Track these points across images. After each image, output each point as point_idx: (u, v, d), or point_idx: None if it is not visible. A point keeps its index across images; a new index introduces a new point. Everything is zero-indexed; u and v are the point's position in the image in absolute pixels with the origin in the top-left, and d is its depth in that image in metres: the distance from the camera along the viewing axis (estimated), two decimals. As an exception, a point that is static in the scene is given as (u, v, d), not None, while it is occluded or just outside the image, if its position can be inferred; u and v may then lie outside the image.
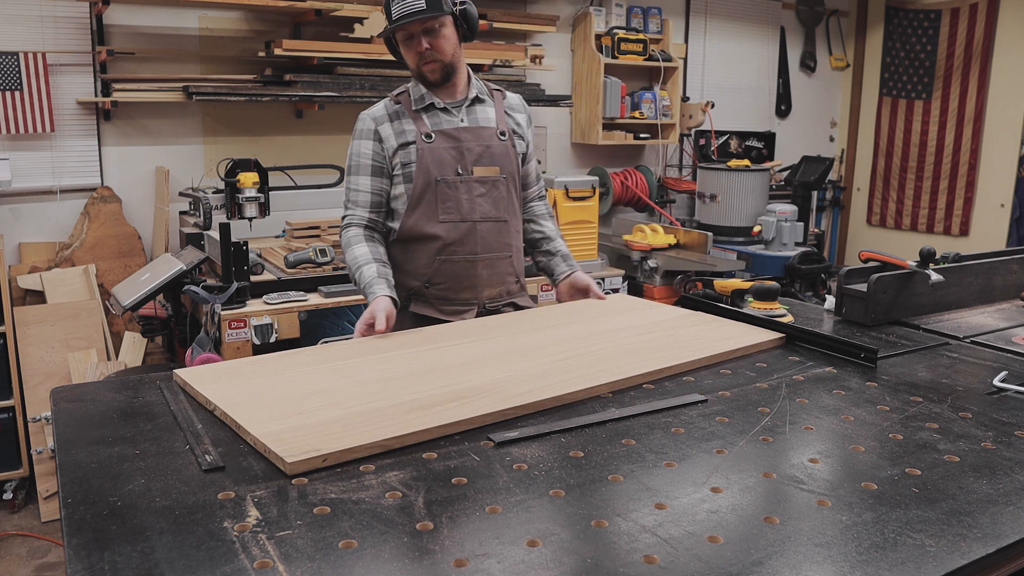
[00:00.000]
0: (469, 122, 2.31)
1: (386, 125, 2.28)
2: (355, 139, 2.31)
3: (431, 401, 1.51)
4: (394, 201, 2.32)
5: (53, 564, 3.21)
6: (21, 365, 3.65)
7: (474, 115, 2.33)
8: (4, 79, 3.76)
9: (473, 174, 2.27)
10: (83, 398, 1.59)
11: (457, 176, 2.25)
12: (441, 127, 2.27)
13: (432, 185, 2.24)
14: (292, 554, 1.02)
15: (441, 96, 2.31)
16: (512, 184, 2.34)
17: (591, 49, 5.39)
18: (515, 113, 2.42)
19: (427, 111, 2.29)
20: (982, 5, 6.15)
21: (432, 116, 2.29)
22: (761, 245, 5.14)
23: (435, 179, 2.23)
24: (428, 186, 2.24)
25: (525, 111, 2.47)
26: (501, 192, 2.31)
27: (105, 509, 1.13)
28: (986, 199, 6.32)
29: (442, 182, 2.24)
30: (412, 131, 2.26)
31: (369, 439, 1.33)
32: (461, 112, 2.31)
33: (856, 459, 1.34)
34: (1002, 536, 1.10)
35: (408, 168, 2.26)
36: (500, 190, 2.31)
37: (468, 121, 2.31)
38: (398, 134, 2.27)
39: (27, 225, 3.99)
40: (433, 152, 2.24)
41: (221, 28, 4.31)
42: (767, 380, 1.72)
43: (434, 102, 2.29)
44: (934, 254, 2.27)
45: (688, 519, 1.13)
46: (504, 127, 2.35)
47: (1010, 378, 1.71)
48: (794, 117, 6.82)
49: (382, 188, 2.30)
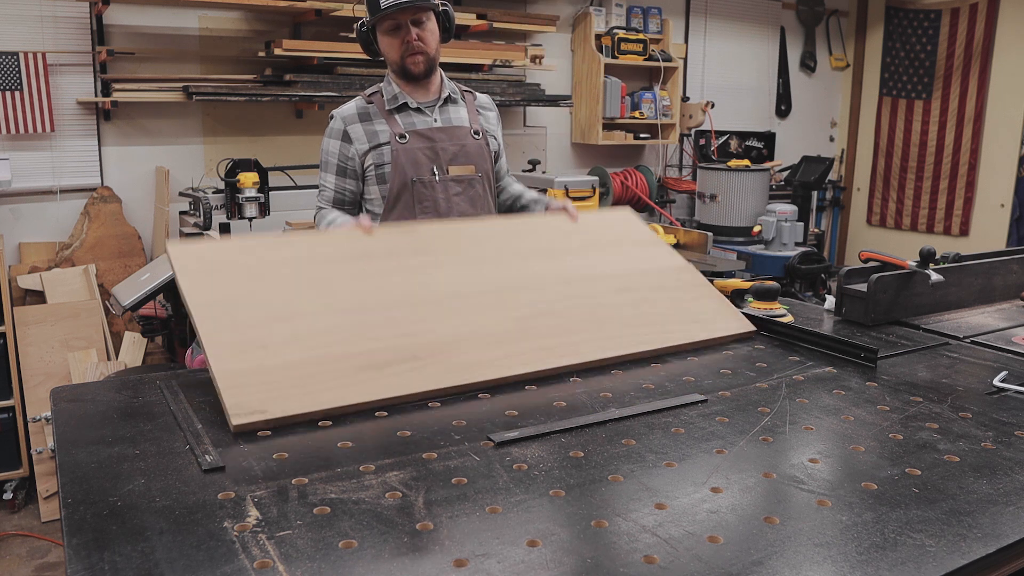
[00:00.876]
0: (443, 122, 2.33)
1: (356, 126, 2.29)
2: (326, 136, 2.34)
3: (386, 357, 1.57)
4: (369, 203, 2.34)
5: (53, 564, 3.21)
6: (21, 365, 3.64)
7: (447, 115, 2.35)
8: (4, 79, 3.76)
9: (449, 174, 2.29)
10: (83, 398, 1.58)
11: (433, 176, 2.27)
12: (415, 127, 2.29)
13: (408, 186, 2.26)
14: (292, 554, 1.02)
15: (415, 96, 2.33)
16: (487, 182, 2.37)
17: (591, 49, 5.39)
18: (486, 111, 2.45)
19: (400, 111, 2.31)
20: (982, 5, 6.15)
21: (405, 116, 2.30)
22: (761, 245, 5.14)
23: (411, 179, 2.25)
24: (404, 187, 2.26)
25: (494, 109, 2.50)
26: (477, 191, 2.34)
27: (105, 509, 1.13)
28: (986, 199, 6.32)
29: (418, 182, 2.26)
30: (385, 132, 2.27)
31: (315, 406, 1.44)
32: (434, 112, 2.33)
33: (856, 459, 1.34)
34: (1002, 536, 1.10)
35: (382, 169, 2.27)
36: (476, 188, 2.33)
37: (441, 121, 2.33)
38: (370, 135, 2.28)
39: (27, 225, 3.99)
40: (408, 153, 2.26)
41: (221, 28, 4.31)
42: (767, 380, 1.72)
43: (407, 102, 2.31)
44: (934, 254, 2.27)
45: (688, 519, 1.13)
46: (477, 126, 2.38)
47: (1010, 378, 1.71)
48: (794, 117, 6.82)
49: (345, 188, 2.33)
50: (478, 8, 4.84)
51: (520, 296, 1.85)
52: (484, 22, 4.73)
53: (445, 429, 1.43)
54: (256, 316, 1.60)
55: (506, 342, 1.70)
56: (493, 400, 1.58)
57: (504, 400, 1.58)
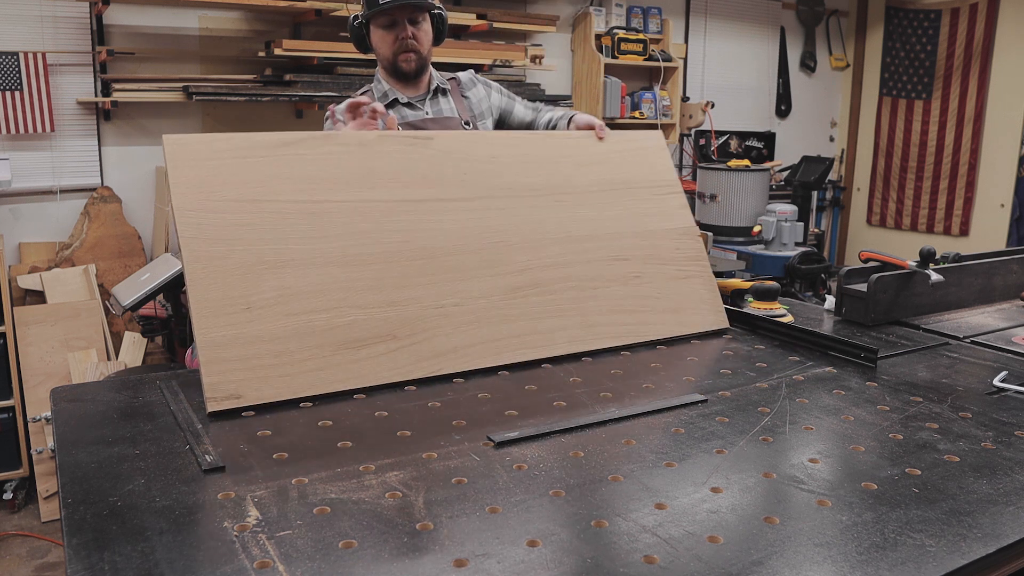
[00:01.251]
0: (434, 114, 2.38)
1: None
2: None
3: (363, 334, 1.61)
4: None
5: (53, 564, 3.21)
6: (21, 365, 3.65)
7: (438, 106, 2.39)
8: (4, 79, 3.76)
9: None
10: (83, 398, 1.58)
11: None
12: (407, 119, 2.33)
13: None
14: (292, 554, 1.02)
15: (405, 92, 2.37)
16: None
17: (591, 49, 5.39)
18: (470, 90, 2.47)
19: (391, 107, 2.34)
20: (982, 5, 6.15)
21: (396, 111, 2.33)
22: (761, 245, 5.14)
23: None
24: None
25: (477, 83, 2.50)
26: None
27: (105, 509, 1.13)
28: (986, 199, 6.32)
29: None
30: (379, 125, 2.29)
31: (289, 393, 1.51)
32: (425, 105, 2.38)
33: (856, 459, 1.34)
34: (1002, 536, 1.10)
35: None
36: None
37: (432, 113, 2.38)
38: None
39: (27, 225, 3.99)
40: None
41: (221, 28, 4.31)
42: (767, 380, 1.72)
43: (398, 97, 2.35)
44: (934, 254, 2.27)
45: (688, 519, 1.13)
46: (467, 116, 2.41)
47: (1010, 378, 1.71)
48: (794, 117, 6.82)
49: None
50: (478, 8, 4.84)
51: (515, 256, 1.84)
52: (484, 22, 4.73)
53: (445, 429, 1.43)
54: (245, 260, 1.58)
55: (485, 322, 1.72)
56: (493, 400, 1.58)
57: (504, 400, 1.58)
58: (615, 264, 1.97)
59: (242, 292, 1.55)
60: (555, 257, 1.89)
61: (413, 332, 1.65)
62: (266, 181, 1.67)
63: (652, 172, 2.16)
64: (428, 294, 1.71)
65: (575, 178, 2.04)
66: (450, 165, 1.89)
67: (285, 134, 1.75)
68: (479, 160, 1.93)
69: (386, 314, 1.65)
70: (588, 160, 2.09)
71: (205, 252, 1.56)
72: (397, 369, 1.62)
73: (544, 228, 1.93)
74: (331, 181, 1.73)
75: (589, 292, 1.90)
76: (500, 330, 1.74)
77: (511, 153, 1.98)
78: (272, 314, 1.56)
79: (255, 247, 1.60)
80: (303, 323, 1.58)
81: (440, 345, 1.67)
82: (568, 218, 1.97)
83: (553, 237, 1.92)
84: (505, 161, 1.96)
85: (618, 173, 2.11)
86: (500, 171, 1.95)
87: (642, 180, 2.14)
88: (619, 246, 2.00)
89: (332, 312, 1.61)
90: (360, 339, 1.61)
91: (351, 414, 1.49)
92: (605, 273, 1.94)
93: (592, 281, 1.92)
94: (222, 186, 1.63)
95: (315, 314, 1.59)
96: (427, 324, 1.68)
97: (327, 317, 1.60)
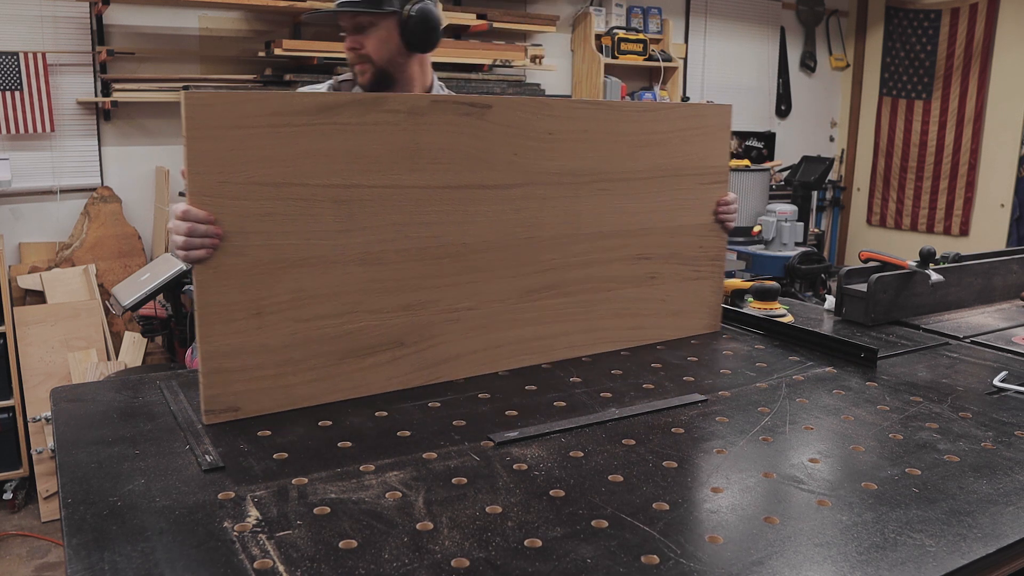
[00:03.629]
0: None
1: None
2: None
3: (372, 342, 1.57)
4: None
5: (53, 564, 3.21)
6: (21, 365, 3.64)
7: None
8: (4, 79, 3.75)
9: None
10: (83, 398, 1.58)
11: None
12: None
13: None
14: (292, 554, 1.02)
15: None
16: None
17: (591, 49, 5.39)
18: None
19: None
20: (982, 5, 6.15)
21: None
22: (761, 245, 5.14)
23: None
24: None
25: None
26: None
27: (105, 509, 1.13)
28: (986, 199, 6.32)
29: None
30: None
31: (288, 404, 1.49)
32: None
33: (856, 459, 1.34)
34: (1002, 536, 1.10)
35: None
36: None
37: None
38: None
39: (27, 225, 3.99)
40: None
41: (221, 28, 4.30)
42: (767, 380, 1.72)
43: None
44: (934, 254, 2.27)
45: (688, 519, 1.13)
46: None
47: (1010, 378, 1.71)
48: (794, 117, 6.82)
49: None
50: (478, 8, 4.84)
51: (542, 255, 1.75)
52: (484, 22, 4.73)
53: (445, 429, 1.43)
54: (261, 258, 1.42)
55: (493, 328, 1.70)
56: (493, 400, 1.58)
57: (504, 400, 1.58)
58: (635, 264, 1.92)
59: (254, 296, 1.43)
60: (580, 255, 1.82)
61: (421, 339, 1.61)
62: (295, 160, 1.43)
63: (705, 156, 2.01)
64: (444, 297, 1.63)
65: (626, 162, 1.88)
66: (502, 143, 1.68)
67: (327, 95, 1.54)
68: (534, 137, 1.73)
69: (398, 320, 1.59)
70: (646, 140, 1.90)
71: (218, 253, 1.39)
72: (398, 377, 1.60)
73: (578, 222, 1.81)
74: (368, 160, 1.51)
75: (602, 295, 1.88)
76: (505, 336, 1.71)
77: (569, 128, 1.77)
78: (283, 320, 1.46)
79: (274, 242, 1.43)
80: (313, 330, 1.50)
81: (443, 352, 1.64)
82: (606, 211, 1.85)
83: (584, 232, 1.82)
84: (561, 138, 1.76)
85: (671, 158, 1.95)
86: (552, 152, 1.76)
87: (692, 166, 1.99)
88: (645, 243, 1.93)
89: (344, 318, 1.52)
90: (368, 347, 1.56)
91: (351, 414, 1.49)
92: (622, 274, 1.91)
93: (607, 283, 1.89)
94: (245, 166, 1.39)
95: (327, 320, 1.51)
96: (436, 330, 1.63)
97: (338, 323, 1.52)
